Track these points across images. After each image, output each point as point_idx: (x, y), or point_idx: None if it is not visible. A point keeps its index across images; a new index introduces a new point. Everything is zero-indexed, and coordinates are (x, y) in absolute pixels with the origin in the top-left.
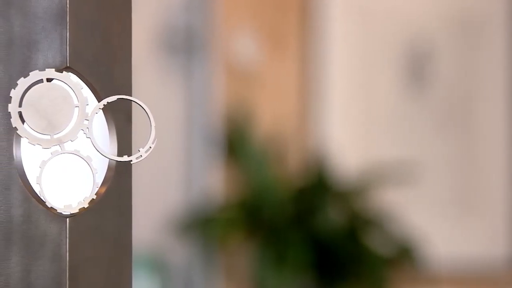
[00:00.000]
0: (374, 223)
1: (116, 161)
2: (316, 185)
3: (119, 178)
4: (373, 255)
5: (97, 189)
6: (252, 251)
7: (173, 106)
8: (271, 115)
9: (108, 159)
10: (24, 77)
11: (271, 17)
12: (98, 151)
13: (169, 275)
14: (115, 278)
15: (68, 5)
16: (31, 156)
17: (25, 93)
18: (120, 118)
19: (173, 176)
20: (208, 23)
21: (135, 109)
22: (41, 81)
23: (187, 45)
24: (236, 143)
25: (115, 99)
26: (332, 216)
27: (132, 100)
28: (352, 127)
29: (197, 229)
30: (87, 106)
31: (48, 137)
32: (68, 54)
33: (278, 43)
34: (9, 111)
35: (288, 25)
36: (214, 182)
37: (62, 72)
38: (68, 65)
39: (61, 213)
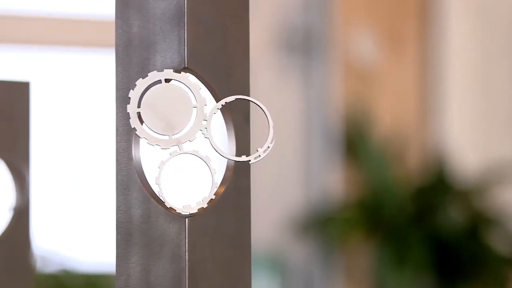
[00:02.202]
0: (495, 222)
1: (235, 161)
2: (436, 184)
3: (237, 178)
4: (495, 254)
5: (216, 189)
6: (371, 251)
7: (291, 106)
8: (390, 114)
9: (226, 159)
10: (143, 78)
11: (390, 16)
12: (216, 151)
13: (289, 275)
14: (234, 278)
15: (186, 6)
16: (150, 157)
17: (144, 94)
18: (238, 118)
19: (292, 176)
20: (326, 22)
21: (253, 109)
22: (159, 81)
23: (305, 44)
24: (355, 143)
25: (233, 99)
26: (453, 215)
27: (250, 100)
28: (472, 125)
29: (316, 228)
30: (205, 106)
31: (166, 137)
32: (186, 55)
33: (396, 42)
34: (128, 111)
35: (406, 24)
36: (333, 182)
37: (180, 73)
38: (186, 65)
39: (180, 213)
